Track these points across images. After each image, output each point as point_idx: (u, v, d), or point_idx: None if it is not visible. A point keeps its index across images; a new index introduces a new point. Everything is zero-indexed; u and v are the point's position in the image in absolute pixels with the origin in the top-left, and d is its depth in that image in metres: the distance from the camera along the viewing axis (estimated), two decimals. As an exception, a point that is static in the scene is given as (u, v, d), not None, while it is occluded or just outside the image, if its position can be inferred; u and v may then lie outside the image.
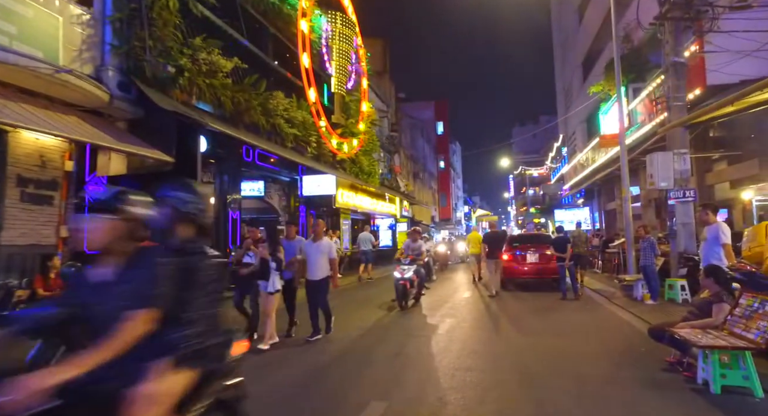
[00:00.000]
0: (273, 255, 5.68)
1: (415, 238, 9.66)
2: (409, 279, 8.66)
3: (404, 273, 8.66)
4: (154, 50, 6.93)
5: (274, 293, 5.77)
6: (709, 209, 5.72)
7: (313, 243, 6.35)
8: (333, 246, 6.42)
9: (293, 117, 11.67)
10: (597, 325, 7.13)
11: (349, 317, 7.93)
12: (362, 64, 18.15)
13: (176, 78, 7.35)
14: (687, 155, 9.56)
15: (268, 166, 13.45)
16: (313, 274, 6.26)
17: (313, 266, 6.25)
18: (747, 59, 10.14)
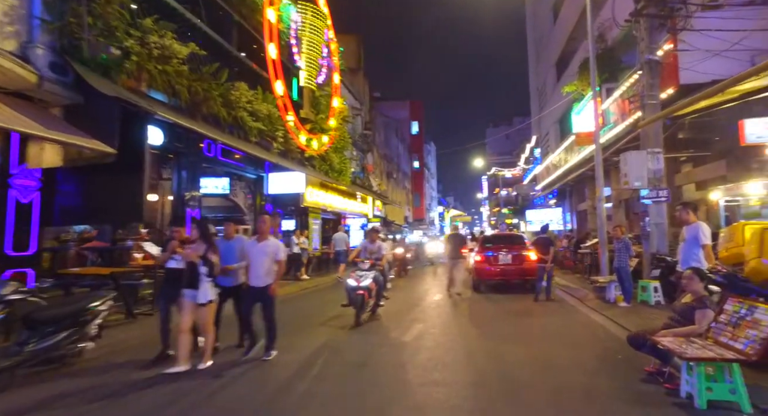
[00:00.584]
0: (204, 259, 4.76)
1: (373, 239, 8.19)
2: (368, 287, 7.24)
3: (361, 280, 7.26)
4: (95, 29, 6.22)
5: (206, 304, 4.77)
6: (689, 208, 5.46)
7: (257, 243, 5.37)
8: (280, 246, 5.47)
9: (258, 110, 11.02)
10: (571, 330, 6.82)
11: (307, 324, 7.42)
12: (334, 59, 17.59)
13: (121, 61, 6.64)
14: (660, 154, 9.43)
15: (233, 162, 12.74)
16: (256, 280, 5.26)
17: (257, 270, 5.26)
18: (718, 59, 10.12)
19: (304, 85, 14.78)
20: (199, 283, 4.71)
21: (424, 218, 52.69)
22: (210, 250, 4.83)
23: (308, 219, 18.45)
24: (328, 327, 7.14)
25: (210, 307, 4.84)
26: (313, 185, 16.18)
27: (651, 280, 8.52)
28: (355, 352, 5.61)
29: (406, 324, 7.26)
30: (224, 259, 5.24)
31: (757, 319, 3.55)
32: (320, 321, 7.57)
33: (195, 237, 4.95)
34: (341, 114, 17.73)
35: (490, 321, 7.60)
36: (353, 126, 26.50)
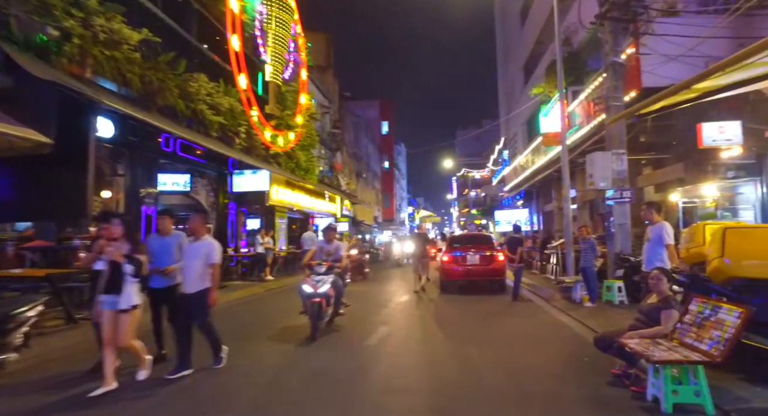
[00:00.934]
0: (129, 257, 4.15)
1: (330, 238, 7.17)
2: (325, 294, 6.26)
3: (318, 286, 6.25)
4: (26, 5, 5.66)
5: (129, 310, 4.13)
6: (653, 208, 5.44)
7: (191, 243, 4.74)
8: (215, 248, 4.74)
9: (218, 103, 10.54)
10: (537, 331, 6.74)
11: (265, 328, 7.05)
12: (302, 54, 17.17)
13: (61, 44, 6.10)
14: (624, 155, 9.54)
15: (193, 158, 12.17)
16: (187, 285, 4.64)
17: (188, 274, 4.64)
18: (677, 64, 10.37)
19: (270, 80, 14.32)
20: (123, 286, 4.08)
21: (394, 218, 52.65)
22: (138, 248, 4.30)
23: (274, 218, 17.96)
24: (288, 331, 6.79)
25: (133, 314, 4.19)
26: (278, 183, 15.72)
27: (615, 280, 8.58)
28: (313, 359, 5.31)
29: (370, 327, 7.00)
30: (159, 258, 4.71)
31: (721, 319, 3.48)
32: (281, 326, 7.21)
33: (118, 234, 4.27)
34: (308, 111, 17.33)
35: (456, 323, 7.45)
36: (322, 124, 26.08)
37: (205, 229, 4.89)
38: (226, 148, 11.44)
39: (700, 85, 3.91)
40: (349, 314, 8.45)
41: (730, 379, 3.91)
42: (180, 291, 4.71)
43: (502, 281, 11.11)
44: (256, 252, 14.39)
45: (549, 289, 10.40)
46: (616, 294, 8.39)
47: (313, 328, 6.11)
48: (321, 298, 6.20)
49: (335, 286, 6.62)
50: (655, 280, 4.12)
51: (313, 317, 6.14)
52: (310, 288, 6.26)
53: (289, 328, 6.97)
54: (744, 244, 4.18)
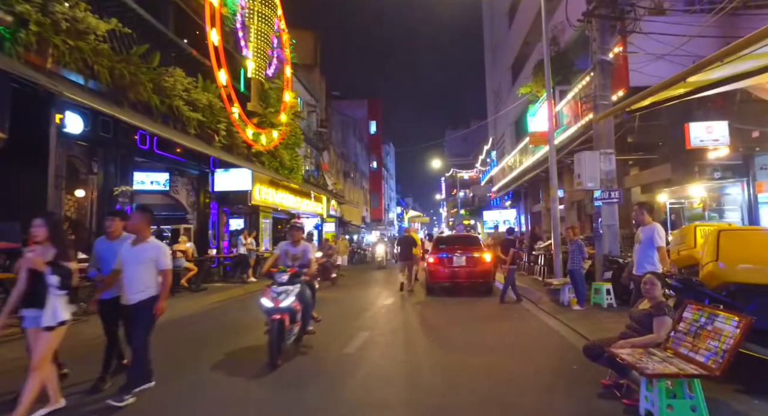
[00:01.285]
0: (54, 265, 3.47)
1: (296, 239, 5.91)
2: (289, 309, 5.10)
3: (279, 299, 5.04)
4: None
5: (55, 327, 3.47)
6: (644, 208, 5.23)
7: (133, 246, 4.06)
8: (163, 251, 4.12)
9: (196, 99, 10.15)
10: (525, 337, 6.50)
11: (225, 340, 6.69)
12: (286, 51, 16.80)
13: (16, 31, 5.69)
14: (612, 155, 9.38)
15: (172, 156, 11.75)
16: (129, 295, 3.98)
17: (129, 282, 3.98)
18: (664, 63, 10.27)
19: (252, 77, 13.94)
20: (46, 299, 3.42)
21: (383, 219, 52.35)
22: (66, 254, 3.60)
23: (258, 218, 17.57)
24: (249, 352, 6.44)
25: (58, 332, 3.51)
26: (261, 182, 15.34)
27: (604, 283, 8.40)
28: (285, 367, 4.98)
29: (350, 332, 6.70)
30: (106, 265, 4.19)
31: (718, 329, 3.25)
32: (247, 338, 6.86)
33: (41, 237, 3.57)
34: (293, 109, 16.96)
35: (442, 328, 7.18)
36: (308, 123, 25.71)
37: (149, 230, 4.24)
38: (205, 145, 11.05)
39: (694, 78, 3.70)
40: (333, 314, 8.18)
41: (726, 391, 3.69)
42: (121, 303, 4.04)
43: (490, 283, 10.90)
44: (239, 253, 13.99)
45: (537, 292, 10.20)
46: (604, 297, 8.20)
47: (272, 353, 4.85)
48: (283, 314, 5.00)
49: (302, 299, 5.43)
50: (648, 285, 3.89)
51: (273, 339, 4.86)
52: (269, 301, 5.03)
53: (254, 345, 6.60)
54: (739, 248, 3.97)
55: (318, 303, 8.80)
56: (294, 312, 5.25)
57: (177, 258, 10.93)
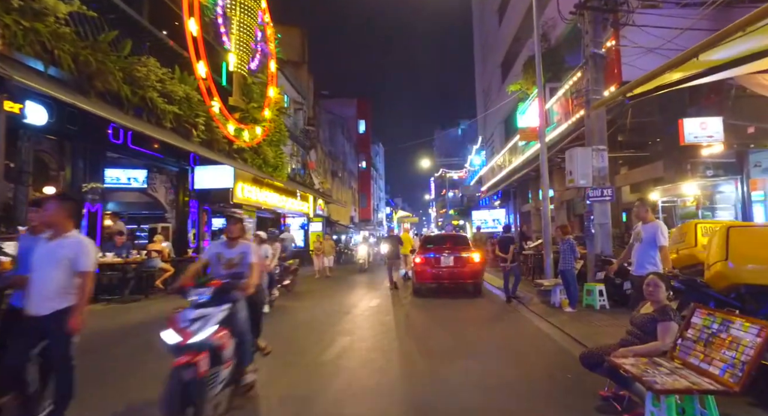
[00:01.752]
0: None
1: (233, 235, 4.14)
2: (208, 344, 3.22)
3: (191, 330, 3.19)
4: None
5: None
6: (647, 205, 4.87)
7: (48, 242, 3.23)
8: (86, 248, 3.24)
9: (172, 91, 9.63)
10: (516, 341, 6.13)
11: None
12: (270, 45, 16.27)
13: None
14: (605, 152, 9.09)
15: (148, 152, 11.21)
16: (39, 303, 3.12)
17: (38, 287, 3.14)
18: (655, 57, 10.01)
19: (234, 70, 13.42)
20: None
21: (371, 219, 51.92)
22: None
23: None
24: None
25: None
26: (244, 180, 14.83)
27: (596, 283, 8.08)
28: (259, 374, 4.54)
29: (329, 338, 6.27)
30: (26, 266, 3.26)
31: (735, 337, 2.89)
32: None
33: None
34: (277, 104, 16.45)
35: (428, 332, 6.78)
36: (294, 120, 25.20)
37: (71, 223, 3.33)
38: (183, 140, 10.53)
39: (705, 57, 3.35)
40: (312, 318, 7.72)
41: (738, 404, 3.34)
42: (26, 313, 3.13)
43: (479, 284, 10.54)
44: (219, 253, 13.47)
45: (527, 293, 9.86)
46: (597, 298, 7.88)
47: None
48: (196, 355, 3.05)
49: (234, 326, 3.60)
50: (652, 288, 3.53)
51: (170, 398, 2.93)
52: (175, 335, 3.12)
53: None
54: (751, 246, 3.63)
55: (295, 308, 8.30)
56: (217, 351, 3.28)
57: (152, 259, 10.42)
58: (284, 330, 6.98)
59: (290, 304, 9.59)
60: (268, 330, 6.71)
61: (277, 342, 6.09)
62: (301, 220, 23.95)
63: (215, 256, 4.11)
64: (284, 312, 8.53)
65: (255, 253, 4.12)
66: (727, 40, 2.92)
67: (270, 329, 6.90)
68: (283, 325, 7.36)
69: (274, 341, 6.06)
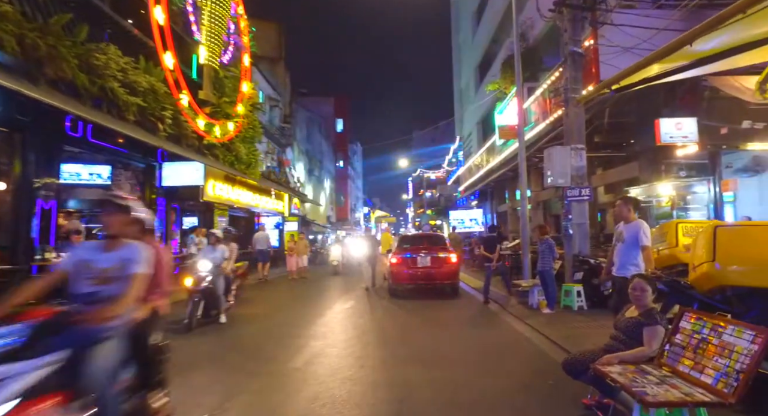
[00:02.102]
0: None
1: (112, 230, 2.69)
2: None
3: None
4: None
5: None
6: (629, 204, 4.70)
7: None
8: None
9: (135, 82, 9.07)
10: (493, 345, 5.91)
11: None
12: (244, 39, 15.73)
13: None
14: (583, 151, 9.00)
15: (112, 146, 10.56)
16: None
17: None
18: (632, 57, 10.01)
19: (205, 63, 12.86)
20: None
21: (349, 218, 51.49)
22: None
23: (213, 216, 16.46)
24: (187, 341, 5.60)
25: None
26: (215, 178, 14.25)
27: (574, 284, 7.96)
28: (214, 387, 4.17)
29: (300, 343, 5.92)
30: None
31: (728, 344, 2.71)
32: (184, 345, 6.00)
33: None
34: (251, 100, 15.91)
35: (402, 336, 6.50)
36: (270, 117, 24.64)
37: None
38: (147, 134, 9.96)
39: (699, 45, 3.18)
40: (282, 323, 7.35)
41: (728, 414, 3.16)
42: None
43: (456, 285, 10.34)
44: (189, 253, 12.89)
45: (504, 294, 9.71)
46: (575, 299, 7.76)
47: None
48: None
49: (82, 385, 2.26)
50: (639, 292, 3.33)
51: None
52: None
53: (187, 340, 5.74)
54: (739, 246, 3.48)
55: (264, 311, 7.95)
56: None
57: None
58: (250, 335, 6.60)
59: (258, 308, 9.19)
60: (231, 337, 6.35)
61: (241, 349, 5.74)
62: (276, 219, 23.39)
63: (79, 265, 2.61)
64: (251, 316, 8.13)
65: (147, 261, 2.66)
66: (726, 23, 2.74)
67: (235, 334, 6.54)
68: (250, 329, 6.98)
69: (238, 348, 5.70)
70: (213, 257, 7.19)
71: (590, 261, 8.14)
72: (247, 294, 11.66)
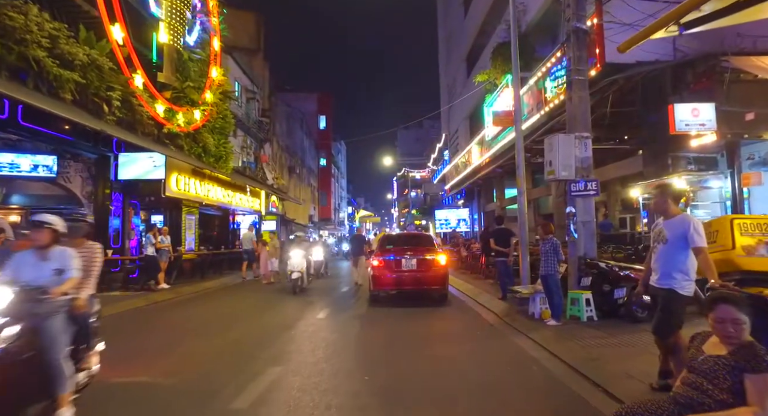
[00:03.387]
0: None
1: None
2: None
3: None
4: None
5: None
6: (668, 193, 3.61)
7: None
8: None
9: (70, 53, 7.72)
10: (494, 369, 4.77)
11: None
12: (213, 20, 14.39)
13: None
14: (589, 140, 7.94)
15: (51, 132, 9.19)
16: None
17: None
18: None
19: (166, 43, 11.52)
20: None
21: (332, 218, 50.16)
22: None
23: (181, 214, 15.07)
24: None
25: None
26: (180, 171, 12.89)
27: (581, 291, 6.88)
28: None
29: (255, 368, 4.69)
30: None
31: None
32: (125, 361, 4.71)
33: None
34: (221, 87, 14.57)
35: (383, 357, 5.32)
36: (247, 110, 23.27)
37: None
38: (89, 117, 8.61)
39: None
40: (237, 340, 6.02)
41: None
42: None
43: (445, 290, 9.21)
44: (146, 254, 11.52)
45: (499, 300, 8.63)
46: (584, 308, 6.68)
47: None
48: None
49: None
50: (732, 326, 2.22)
51: None
52: None
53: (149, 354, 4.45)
54: None
55: (223, 324, 6.71)
56: None
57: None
58: (197, 355, 5.34)
59: (216, 318, 7.93)
60: (172, 358, 5.06)
61: (182, 376, 4.48)
62: (252, 218, 22.01)
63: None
64: (205, 331, 6.87)
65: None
66: None
67: (176, 356, 5.26)
68: (198, 348, 5.72)
69: (179, 375, 4.45)
70: None
71: (599, 265, 7.08)
72: (211, 299, 10.37)
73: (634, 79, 9.25)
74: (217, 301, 10.30)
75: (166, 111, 11.26)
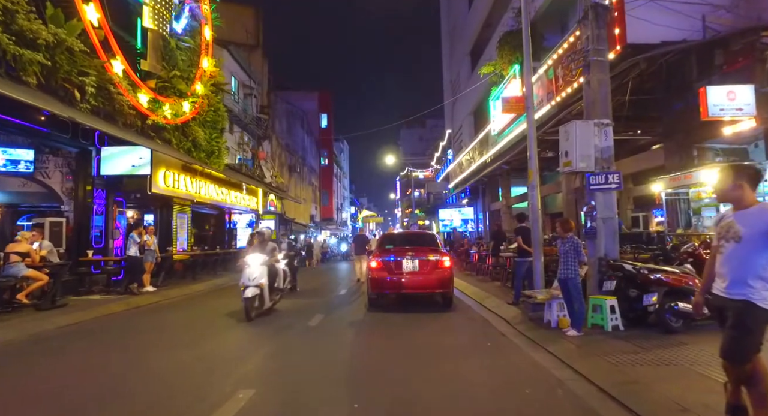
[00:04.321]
0: None
1: None
2: None
3: None
4: None
5: None
6: (743, 177, 2.80)
7: None
8: None
9: (31, 31, 6.95)
10: (510, 393, 3.96)
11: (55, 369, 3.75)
12: (204, 8, 13.65)
13: None
14: (610, 127, 7.11)
15: (22, 122, 8.47)
16: None
17: None
18: (664, 17, 8.26)
19: (150, 28, 10.78)
20: None
21: (334, 217, 49.38)
22: None
23: (172, 212, 14.33)
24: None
25: None
26: (169, 167, 12.13)
27: (605, 297, 6.06)
28: None
29: (225, 389, 3.89)
30: None
31: None
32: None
33: None
34: (213, 79, 13.82)
35: (377, 377, 4.50)
36: (245, 106, 22.56)
37: None
38: (59, 105, 7.86)
39: None
40: (200, 358, 5.18)
41: None
42: None
43: (450, 294, 8.39)
44: (128, 255, 10.78)
45: (509, 306, 7.81)
46: (608, 316, 5.85)
47: None
48: None
49: None
50: None
51: None
52: None
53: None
54: None
55: (195, 332, 5.82)
56: None
57: (10, 265, 7.68)
58: (158, 375, 4.54)
59: (189, 328, 7.15)
60: (132, 375, 3.94)
61: (135, 398, 3.65)
62: (249, 217, 21.27)
63: None
64: (176, 342, 6.09)
65: None
66: None
67: (138, 372, 4.30)
68: (160, 362, 4.92)
69: (132, 398, 3.62)
70: None
71: (624, 267, 6.24)
72: (196, 304, 9.61)
73: (657, 61, 8.43)
74: (201, 306, 9.53)
75: (151, 101, 10.51)
